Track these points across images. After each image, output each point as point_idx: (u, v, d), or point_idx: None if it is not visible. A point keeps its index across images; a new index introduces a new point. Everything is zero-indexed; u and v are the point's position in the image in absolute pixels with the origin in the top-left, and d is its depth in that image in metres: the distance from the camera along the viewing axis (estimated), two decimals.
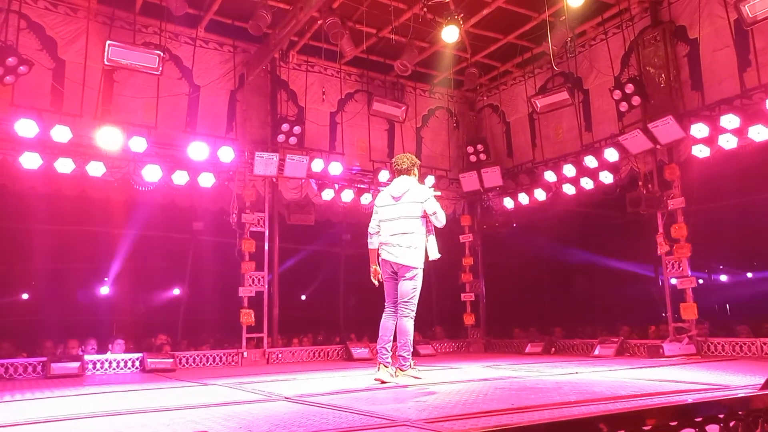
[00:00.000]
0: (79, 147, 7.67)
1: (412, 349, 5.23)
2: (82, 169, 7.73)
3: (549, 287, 12.67)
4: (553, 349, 9.35)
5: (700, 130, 7.48)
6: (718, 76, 7.70)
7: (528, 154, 10.46)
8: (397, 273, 5.20)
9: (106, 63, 7.50)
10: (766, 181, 8.85)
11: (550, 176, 9.56)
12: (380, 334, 5.23)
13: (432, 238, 5.27)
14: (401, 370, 5.18)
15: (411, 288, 5.10)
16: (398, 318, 5.15)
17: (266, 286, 8.90)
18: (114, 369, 7.70)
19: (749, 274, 13.21)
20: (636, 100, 8.11)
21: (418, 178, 5.47)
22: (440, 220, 5.17)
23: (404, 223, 5.14)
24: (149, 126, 8.13)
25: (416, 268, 5.12)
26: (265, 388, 5.10)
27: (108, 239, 11.22)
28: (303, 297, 14.40)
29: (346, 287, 13.68)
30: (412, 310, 5.11)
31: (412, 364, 5.26)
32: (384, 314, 5.31)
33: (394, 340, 5.19)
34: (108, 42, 7.44)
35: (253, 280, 8.82)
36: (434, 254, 5.26)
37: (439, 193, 5.37)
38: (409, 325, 5.10)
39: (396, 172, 5.38)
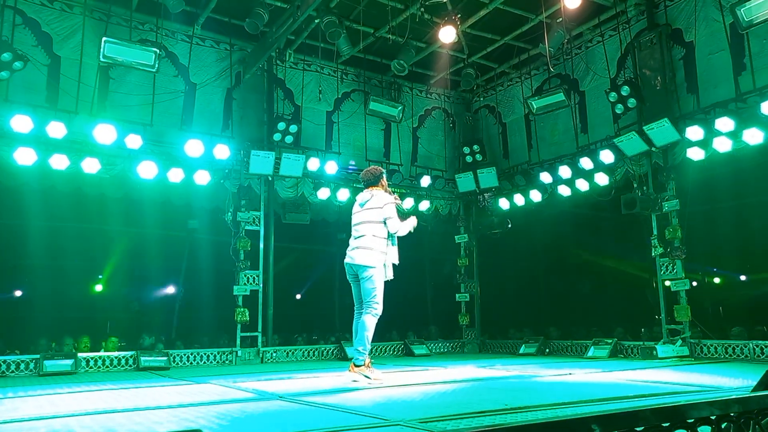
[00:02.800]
0: (75, 143, 7.64)
1: (369, 347, 5.25)
2: (77, 165, 7.70)
3: (543, 288, 12.69)
4: (548, 349, 9.37)
5: (695, 132, 7.51)
6: (714, 80, 7.74)
7: (524, 155, 10.48)
8: (357, 275, 5.32)
9: (101, 60, 7.47)
10: (760, 184, 8.89)
11: (545, 177, 9.58)
12: (353, 337, 5.36)
13: (392, 243, 5.37)
14: (354, 365, 5.19)
15: (370, 287, 5.20)
16: (362, 315, 5.25)
17: (261, 285, 8.88)
18: (108, 367, 7.67)
19: (743, 277, 13.27)
20: (632, 103, 8.14)
21: (387, 185, 5.64)
22: (392, 226, 5.28)
23: (363, 227, 5.34)
24: (145, 123, 8.10)
25: (371, 267, 5.20)
26: (259, 386, 5.10)
27: (102, 236, 11.17)
28: (298, 296, 14.39)
29: (341, 287, 13.67)
30: (375, 308, 5.20)
31: (367, 363, 5.24)
32: (354, 316, 5.42)
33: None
34: (104, 38, 7.41)
35: (248, 278, 8.80)
36: (393, 259, 5.36)
37: (399, 204, 5.47)
38: (368, 321, 5.18)
39: (365, 185, 5.60)
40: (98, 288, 12.61)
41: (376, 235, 5.27)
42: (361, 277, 5.25)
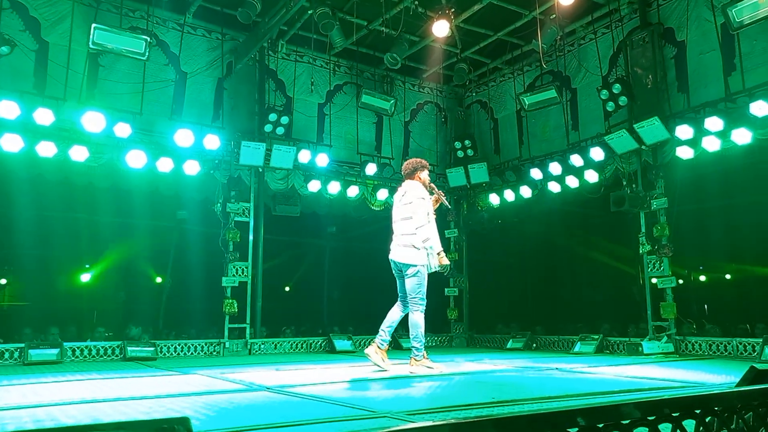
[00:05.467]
0: (63, 131, 7.55)
1: (424, 341, 5.47)
2: (65, 153, 7.61)
3: (532, 284, 12.77)
4: (534, 344, 9.43)
5: (684, 131, 7.55)
6: (704, 79, 7.78)
7: (515, 151, 10.51)
8: (401, 270, 5.46)
9: (91, 46, 7.37)
10: (748, 184, 8.98)
11: (536, 174, 9.60)
12: (386, 317, 5.54)
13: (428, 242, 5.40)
14: (415, 359, 5.42)
15: (415, 284, 5.34)
16: (409, 313, 5.43)
17: (250, 277, 8.85)
18: (94, 356, 7.61)
19: (728, 276, 13.42)
20: (623, 101, 8.17)
21: (427, 179, 5.71)
22: (415, 222, 5.32)
23: (403, 224, 5.44)
24: (134, 112, 8.01)
25: (415, 266, 5.32)
26: (247, 378, 5.09)
27: (90, 226, 11.09)
28: (287, 288, 14.37)
29: (330, 279, 13.68)
30: (420, 304, 5.37)
31: (425, 355, 5.48)
32: (397, 305, 5.60)
33: (403, 328, 5.56)
34: (93, 25, 7.31)
35: (237, 270, 8.76)
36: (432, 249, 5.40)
37: (440, 192, 5.61)
38: (418, 318, 5.37)
39: (404, 177, 5.74)
40: (85, 278, 12.52)
41: (415, 233, 5.34)
42: (405, 274, 5.39)
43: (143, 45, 7.54)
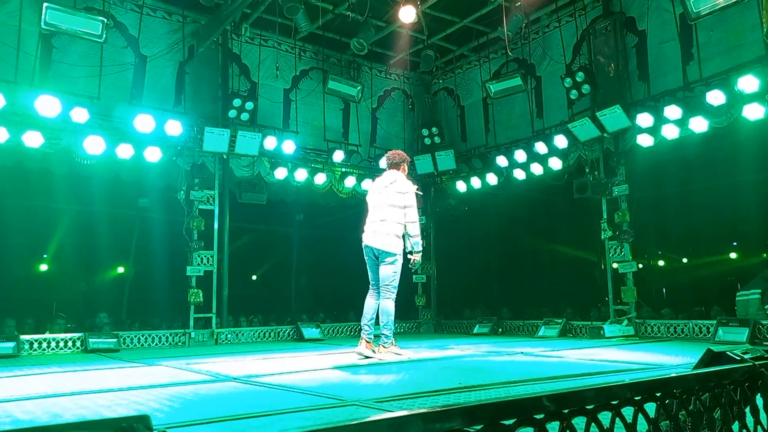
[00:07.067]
0: (15, 115, 7.23)
1: (393, 328, 5.51)
2: (18, 138, 7.30)
3: (498, 270, 12.96)
4: (500, 329, 9.59)
5: (645, 119, 7.72)
6: (664, 68, 7.97)
7: (481, 138, 10.58)
8: (377, 257, 5.43)
9: (43, 27, 7.06)
10: (704, 171, 9.28)
11: (501, 161, 9.69)
12: (364, 312, 5.53)
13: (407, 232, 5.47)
14: (383, 347, 5.45)
15: (391, 272, 5.36)
16: (381, 299, 5.43)
17: (215, 266, 8.71)
18: (53, 349, 7.39)
19: (685, 260, 13.90)
20: (586, 89, 8.30)
21: (407, 172, 5.73)
22: (411, 215, 5.41)
23: (385, 210, 5.41)
24: (92, 96, 7.73)
25: (394, 254, 5.35)
26: (213, 368, 5.02)
27: (48, 213, 10.72)
28: (254, 277, 14.22)
29: (298, 268, 13.59)
30: (393, 292, 5.40)
31: (394, 342, 5.53)
32: (368, 293, 5.58)
33: (377, 317, 5.47)
34: (45, 4, 6.98)
35: (202, 259, 8.61)
36: (414, 246, 5.46)
37: (420, 193, 5.56)
38: (389, 305, 5.39)
39: (389, 166, 5.71)
40: (43, 267, 12.12)
41: (399, 221, 5.38)
42: (381, 261, 5.39)
43: (100, 26, 7.27)
